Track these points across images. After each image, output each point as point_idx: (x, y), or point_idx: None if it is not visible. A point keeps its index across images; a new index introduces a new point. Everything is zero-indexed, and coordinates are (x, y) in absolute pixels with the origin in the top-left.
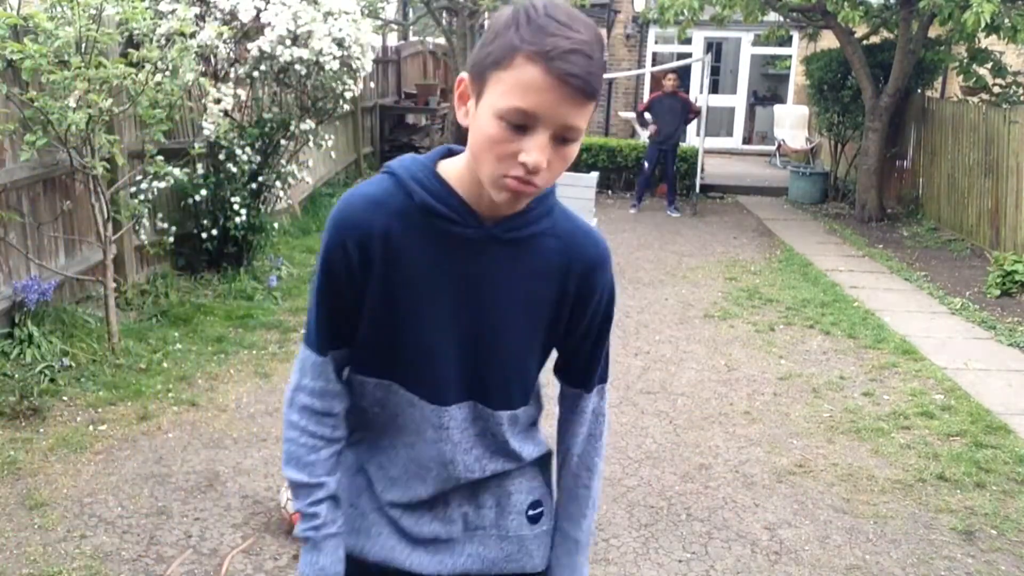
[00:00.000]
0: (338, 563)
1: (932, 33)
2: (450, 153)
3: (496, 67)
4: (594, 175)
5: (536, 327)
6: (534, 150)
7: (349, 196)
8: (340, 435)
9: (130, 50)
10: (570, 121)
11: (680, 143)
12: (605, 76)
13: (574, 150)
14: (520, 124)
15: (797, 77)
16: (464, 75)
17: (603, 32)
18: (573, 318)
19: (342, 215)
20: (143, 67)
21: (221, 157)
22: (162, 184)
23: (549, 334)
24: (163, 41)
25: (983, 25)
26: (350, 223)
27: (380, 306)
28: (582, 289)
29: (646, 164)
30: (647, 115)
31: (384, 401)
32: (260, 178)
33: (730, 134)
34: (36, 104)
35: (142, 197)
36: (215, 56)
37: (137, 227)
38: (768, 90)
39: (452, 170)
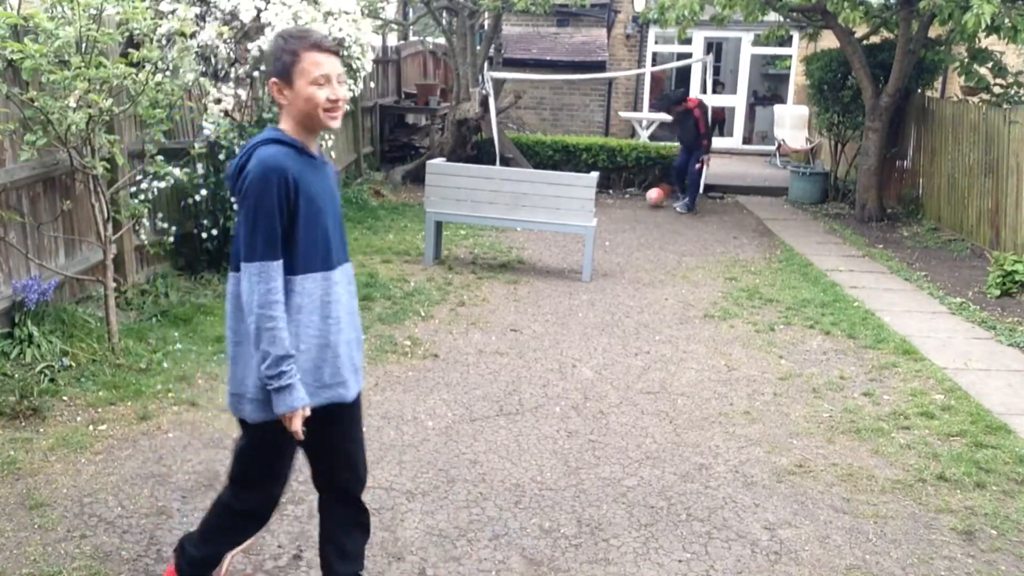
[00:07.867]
0: (305, 395)
1: (932, 33)
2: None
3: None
4: (594, 175)
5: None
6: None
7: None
8: None
9: (130, 50)
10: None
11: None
12: (605, 76)
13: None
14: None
15: (797, 77)
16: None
17: (604, 32)
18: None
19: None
20: (143, 67)
21: (221, 157)
22: (162, 184)
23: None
24: (163, 41)
25: (983, 25)
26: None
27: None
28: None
29: (696, 165)
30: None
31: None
32: None
33: (730, 134)
34: (36, 104)
35: (142, 197)
36: (215, 56)
37: (137, 227)
38: (768, 90)
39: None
